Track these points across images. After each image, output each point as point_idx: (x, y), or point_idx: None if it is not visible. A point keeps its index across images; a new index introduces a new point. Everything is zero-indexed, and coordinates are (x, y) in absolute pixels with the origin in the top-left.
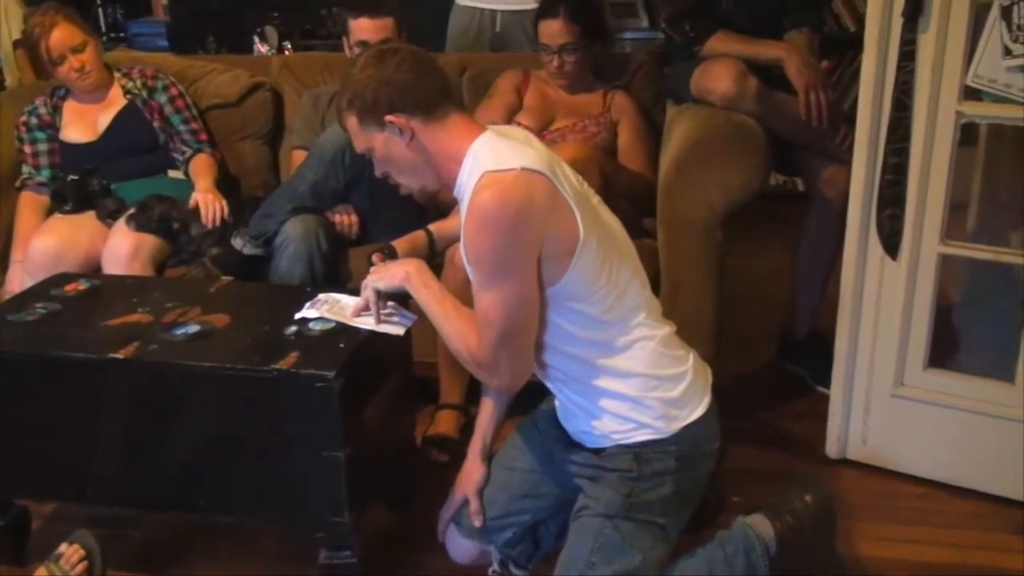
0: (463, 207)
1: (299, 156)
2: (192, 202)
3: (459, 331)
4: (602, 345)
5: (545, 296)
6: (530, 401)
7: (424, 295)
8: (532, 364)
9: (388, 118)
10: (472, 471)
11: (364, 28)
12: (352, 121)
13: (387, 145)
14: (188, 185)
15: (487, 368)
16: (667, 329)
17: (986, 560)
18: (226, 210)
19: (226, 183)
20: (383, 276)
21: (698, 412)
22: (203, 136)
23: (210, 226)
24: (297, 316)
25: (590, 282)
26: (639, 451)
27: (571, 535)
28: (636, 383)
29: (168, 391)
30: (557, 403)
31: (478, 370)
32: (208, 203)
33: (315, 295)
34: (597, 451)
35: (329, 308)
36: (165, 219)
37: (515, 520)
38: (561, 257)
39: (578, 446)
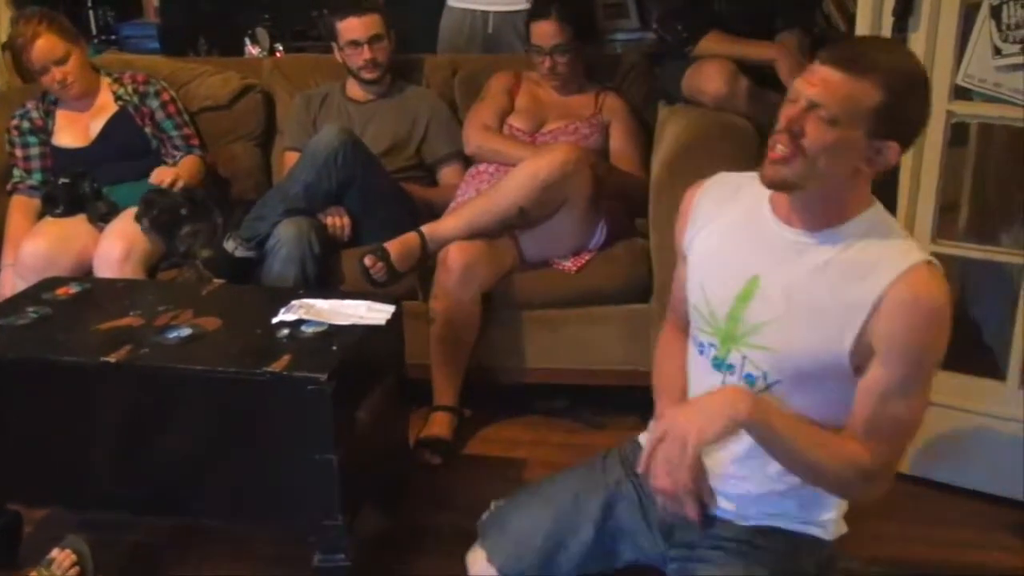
0: (858, 267)
1: (291, 158)
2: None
3: (839, 453)
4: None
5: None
6: (521, 400)
7: (774, 431)
8: None
9: (892, 143)
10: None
11: (352, 28)
12: (867, 91)
13: (851, 146)
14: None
15: (872, 479)
16: None
17: (981, 559)
18: (179, 184)
19: (216, 186)
20: (695, 428)
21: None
22: (195, 141)
23: (157, 182)
24: (274, 321)
25: None
26: (800, 541)
27: None
28: None
29: (160, 395)
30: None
31: (860, 480)
32: (164, 170)
33: (304, 297)
34: (741, 526)
35: (305, 312)
36: (173, 208)
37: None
38: None
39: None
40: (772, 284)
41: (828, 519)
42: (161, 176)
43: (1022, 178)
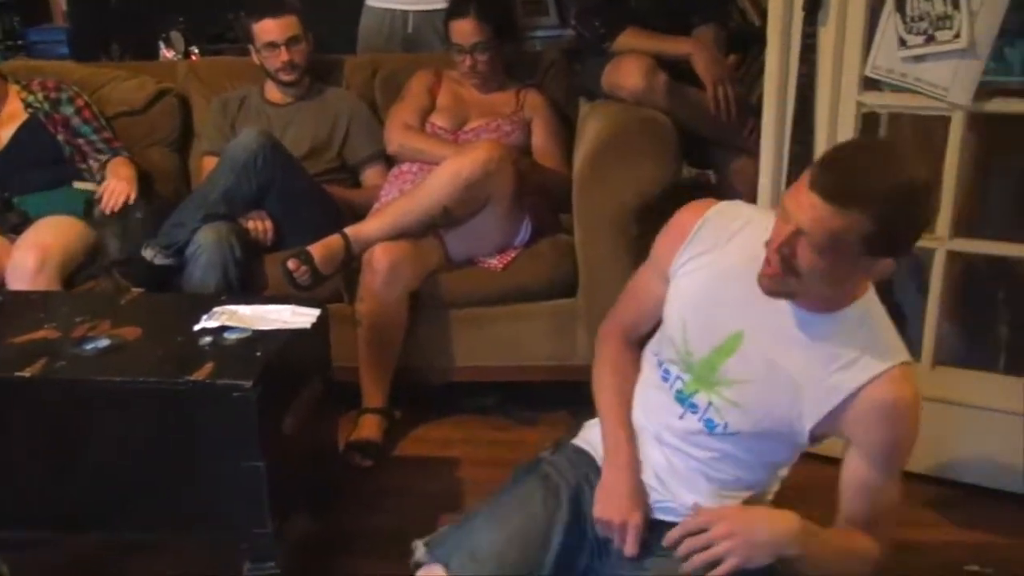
0: (836, 361)
1: (209, 162)
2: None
3: (860, 556)
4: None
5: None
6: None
7: (813, 557)
8: None
9: (887, 259)
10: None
11: (268, 30)
12: (855, 224)
13: (843, 268)
14: (93, 195)
15: (879, 561)
16: None
17: (899, 535)
18: (132, 196)
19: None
20: (743, 552)
21: None
22: (116, 143)
23: (108, 212)
24: (196, 328)
25: None
26: None
27: None
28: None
29: (79, 408)
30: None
31: (873, 567)
32: (111, 189)
33: (227, 304)
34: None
35: (228, 318)
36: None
37: None
38: None
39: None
40: (755, 346)
41: None
42: (114, 200)
43: (932, 165)
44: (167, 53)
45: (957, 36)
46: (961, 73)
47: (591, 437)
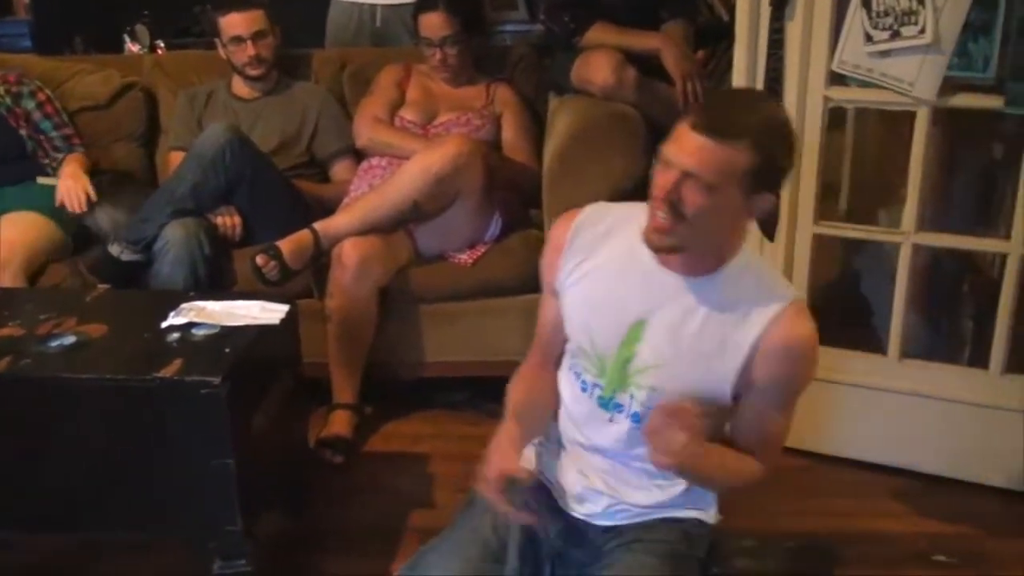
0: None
1: (176, 157)
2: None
3: (748, 474)
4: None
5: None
6: (421, 395)
7: (704, 472)
8: None
9: (767, 194)
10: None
11: (234, 24)
12: (738, 156)
13: (729, 206)
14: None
15: (767, 478)
16: None
17: (866, 526)
18: (90, 192)
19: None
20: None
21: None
22: (75, 140)
23: (78, 211)
24: (164, 325)
25: None
26: (687, 526)
27: None
28: None
29: (45, 406)
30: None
31: (755, 485)
32: (65, 191)
33: (195, 300)
34: (633, 527)
35: (196, 315)
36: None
37: None
38: None
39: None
40: (657, 328)
41: (710, 500)
42: (72, 202)
43: (898, 159)
44: (132, 47)
45: (922, 32)
46: (926, 68)
47: (528, 456)
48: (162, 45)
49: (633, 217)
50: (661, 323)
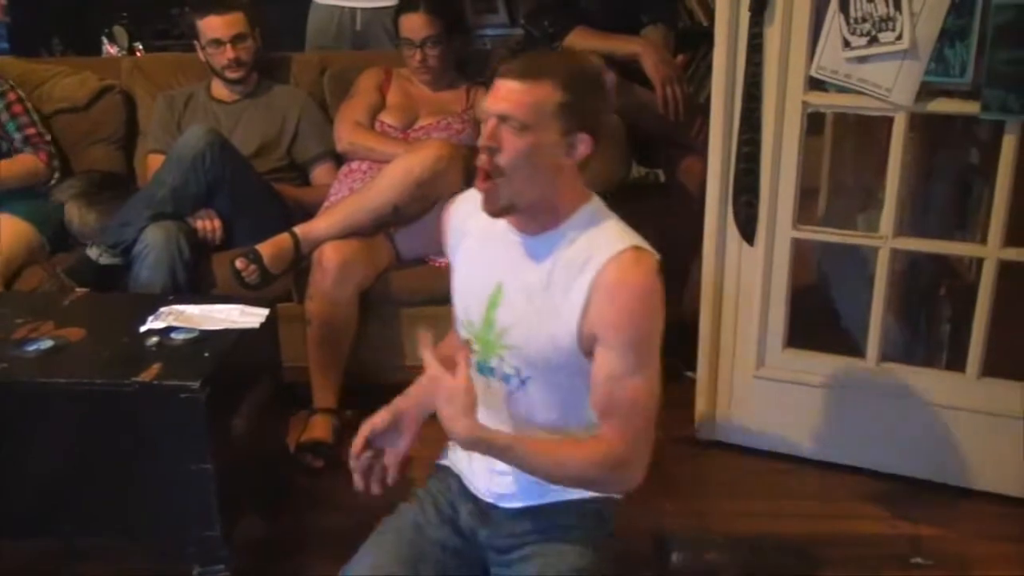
0: (567, 258)
1: (155, 160)
2: None
3: (586, 454)
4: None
5: None
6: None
7: (517, 456)
8: None
9: (583, 134)
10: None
11: (214, 26)
12: (548, 93)
13: (545, 145)
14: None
15: (625, 464)
16: None
17: (844, 528)
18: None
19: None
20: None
21: None
22: (39, 140)
23: None
24: (142, 329)
25: None
26: (602, 504)
27: None
28: None
29: (22, 411)
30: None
31: (614, 471)
32: None
33: (174, 303)
34: (539, 509)
35: (175, 319)
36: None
37: None
38: None
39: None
40: (513, 289)
41: None
42: None
43: (875, 164)
44: (110, 49)
45: (899, 38)
46: (903, 74)
47: (452, 455)
48: (140, 47)
49: None
50: (514, 284)
